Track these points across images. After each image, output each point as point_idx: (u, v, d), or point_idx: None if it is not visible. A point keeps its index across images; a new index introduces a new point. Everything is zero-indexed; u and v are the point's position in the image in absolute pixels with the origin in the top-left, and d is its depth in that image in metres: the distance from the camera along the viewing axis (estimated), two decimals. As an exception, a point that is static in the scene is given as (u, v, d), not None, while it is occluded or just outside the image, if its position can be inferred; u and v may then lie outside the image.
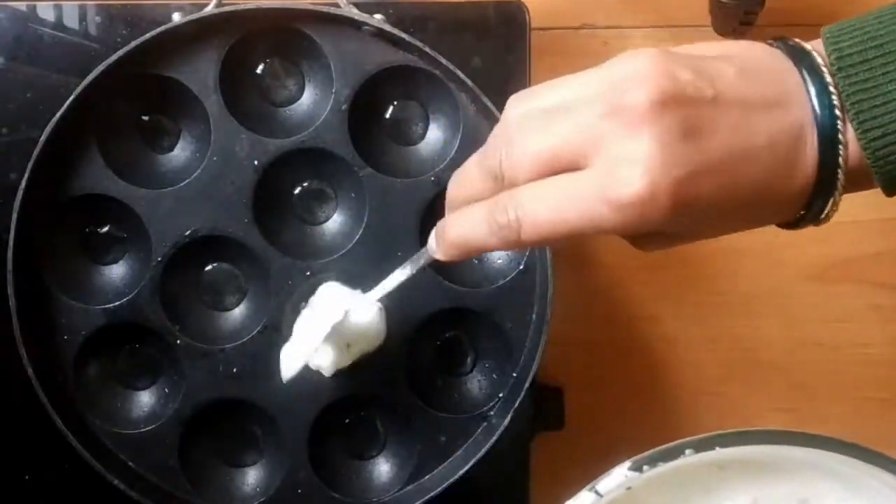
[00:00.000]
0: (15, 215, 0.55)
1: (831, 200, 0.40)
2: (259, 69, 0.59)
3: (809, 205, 0.40)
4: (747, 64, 0.39)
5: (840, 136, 0.38)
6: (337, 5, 0.56)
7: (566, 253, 0.64)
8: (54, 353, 0.57)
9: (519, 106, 0.40)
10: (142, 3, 0.60)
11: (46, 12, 0.60)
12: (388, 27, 0.56)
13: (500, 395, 0.59)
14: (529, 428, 0.63)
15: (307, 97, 0.59)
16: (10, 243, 0.55)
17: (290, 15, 0.57)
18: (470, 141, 0.58)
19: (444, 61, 0.56)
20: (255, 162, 0.57)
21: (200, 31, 0.56)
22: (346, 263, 0.58)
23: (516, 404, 0.57)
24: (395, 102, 0.60)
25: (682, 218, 0.38)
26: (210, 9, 0.56)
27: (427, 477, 0.59)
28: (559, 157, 0.38)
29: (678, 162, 0.37)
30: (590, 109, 0.38)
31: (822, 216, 0.40)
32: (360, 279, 0.58)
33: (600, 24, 0.67)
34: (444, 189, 0.57)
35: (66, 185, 0.57)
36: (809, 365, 0.70)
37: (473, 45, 0.61)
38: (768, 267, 0.69)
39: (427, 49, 0.56)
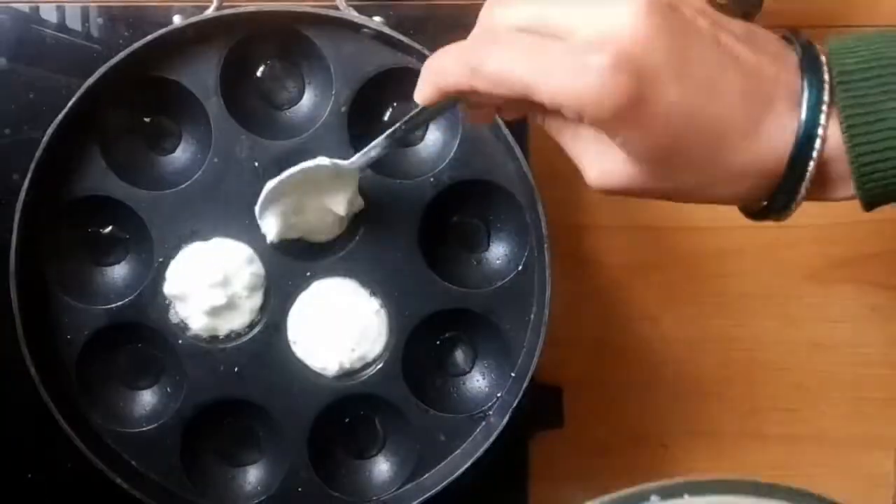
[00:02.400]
0: (17, 216, 0.56)
1: (798, 194, 0.40)
2: (259, 71, 0.59)
3: (775, 195, 0.41)
4: (757, 33, 0.40)
5: (819, 131, 0.39)
6: (336, 8, 0.57)
7: (566, 253, 0.65)
8: (57, 352, 0.58)
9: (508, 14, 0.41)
10: (143, 4, 0.61)
11: (49, 13, 0.60)
12: (387, 29, 0.56)
13: (499, 394, 0.59)
14: (528, 427, 0.63)
15: (307, 99, 0.60)
16: (13, 244, 0.56)
17: (289, 17, 0.57)
18: (469, 142, 0.58)
19: (443, 63, 0.56)
20: (256, 163, 0.58)
21: (201, 34, 0.56)
22: (346, 263, 0.59)
23: (515, 404, 0.57)
24: (395, 104, 0.60)
25: (637, 117, 0.37)
26: (210, 11, 0.56)
27: (426, 476, 0.59)
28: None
29: (650, 50, 0.37)
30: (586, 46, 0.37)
31: (786, 209, 0.41)
32: (361, 279, 0.58)
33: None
34: (443, 190, 0.58)
35: (68, 187, 0.58)
36: (808, 365, 0.70)
37: (472, 46, 0.61)
38: (768, 267, 0.69)
39: (426, 51, 0.56)
